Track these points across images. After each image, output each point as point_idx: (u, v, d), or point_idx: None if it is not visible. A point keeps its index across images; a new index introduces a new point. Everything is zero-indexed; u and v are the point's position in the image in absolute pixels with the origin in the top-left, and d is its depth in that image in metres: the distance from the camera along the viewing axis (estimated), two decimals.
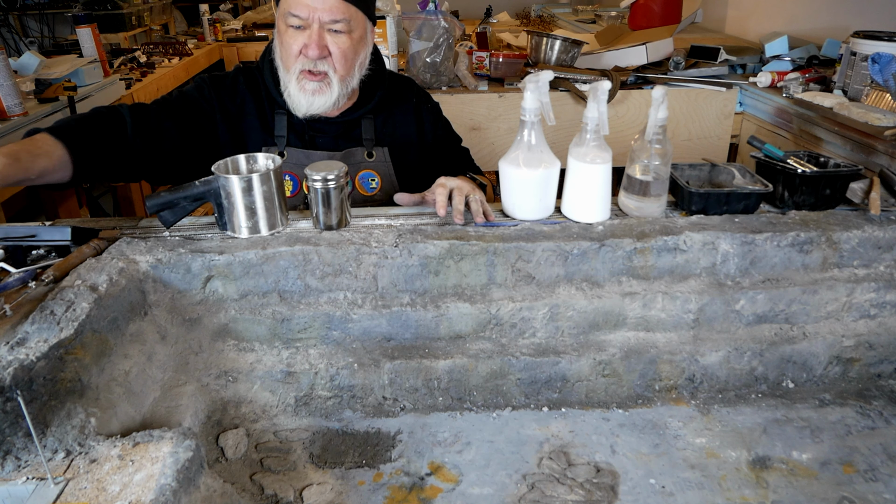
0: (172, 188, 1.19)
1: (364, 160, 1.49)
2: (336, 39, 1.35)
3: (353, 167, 1.48)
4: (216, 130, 1.45)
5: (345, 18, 1.33)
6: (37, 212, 2.99)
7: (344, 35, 1.35)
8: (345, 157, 1.48)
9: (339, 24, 1.33)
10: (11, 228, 1.21)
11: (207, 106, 1.45)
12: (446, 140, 1.66)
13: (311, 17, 1.32)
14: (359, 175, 1.49)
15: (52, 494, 0.79)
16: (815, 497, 1.01)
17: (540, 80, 1.19)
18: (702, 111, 2.47)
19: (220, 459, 1.07)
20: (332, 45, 1.35)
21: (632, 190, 1.29)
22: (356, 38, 1.37)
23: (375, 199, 1.51)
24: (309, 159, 1.44)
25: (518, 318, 1.21)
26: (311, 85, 1.37)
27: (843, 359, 1.24)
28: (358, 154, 1.49)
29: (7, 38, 5.08)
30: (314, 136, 1.49)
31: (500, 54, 2.60)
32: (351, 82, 1.41)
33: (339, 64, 1.37)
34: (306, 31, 1.34)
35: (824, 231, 1.23)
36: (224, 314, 1.19)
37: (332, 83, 1.38)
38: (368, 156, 1.50)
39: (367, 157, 1.50)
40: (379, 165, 1.51)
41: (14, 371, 0.84)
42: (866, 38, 2.05)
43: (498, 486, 1.04)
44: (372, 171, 1.50)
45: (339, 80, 1.38)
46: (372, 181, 1.50)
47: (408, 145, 1.56)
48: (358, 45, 1.39)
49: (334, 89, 1.38)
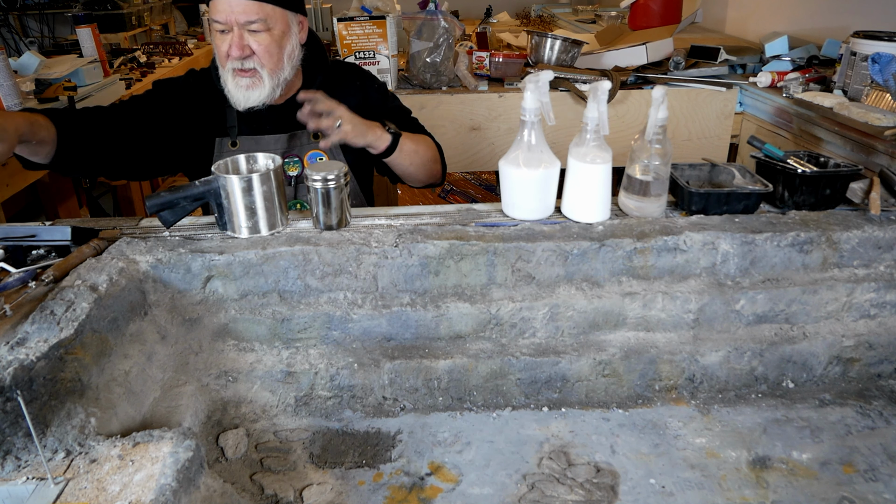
0: (172, 188, 1.19)
1: (310, 141, 1.61)
2: (257, 38, 1.43)
3: (301, 148, 1.60)
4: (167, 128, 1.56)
5: (260, 18, 1.41)
6: (37, 212, 2.99)
7: (263, 33, 1.43)
8: (291, 138, 1.59)
9: (256, 23, 1.42)
10: (11, 228, 1.21)
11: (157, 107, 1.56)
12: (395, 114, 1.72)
13: (229, 21, 1.41)
14: (307, 155, 1.60)
15: (52, 494, 0.79)
16: (815, 497, 1.01)
17: (540, 80, 1.19)
18: (702, 111, 2.47)
19: (220, 459, 1.07)
20: (254, 44, 1.44)
21: (632, 190, 1.29)
22: (277, 34, 1.45)
23: None
24: (258, 144, 1.57)
25: (518, 318, 1.21)
26: (244, 81, 1.47)
27: (843, 359, 1.24)
28: (304, 136, 1.60)
29: (7, 38, 5.08)
30: (262, 123, 1.59)
31: (500, 54, 2.60)
32: (282, 74, 1.50)
33: (265, 59, 1.45)
34: (229, 33, 1.43)
35: (824, 231, 1.23)
36: (224, 314, 1.19)
37: (262, 77, 1.47)
38: (314, 136, 1.60)
39: (314, 139, 1.60)
40: None
41: (14, 371, 0.84)
42: (866, 38, 2.05)
43: (498, 486, 1.04)
44: (318, 150, 1.60)
45: (269, 73, 1.47)
46: (319, 160, 1.60)
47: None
48: (281, 39, 1.47)
49: (266, 83, 1.47)
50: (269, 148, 1.57)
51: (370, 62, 2.40)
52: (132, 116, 1.52)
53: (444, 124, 2.43)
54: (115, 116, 1.50)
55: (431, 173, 1.65)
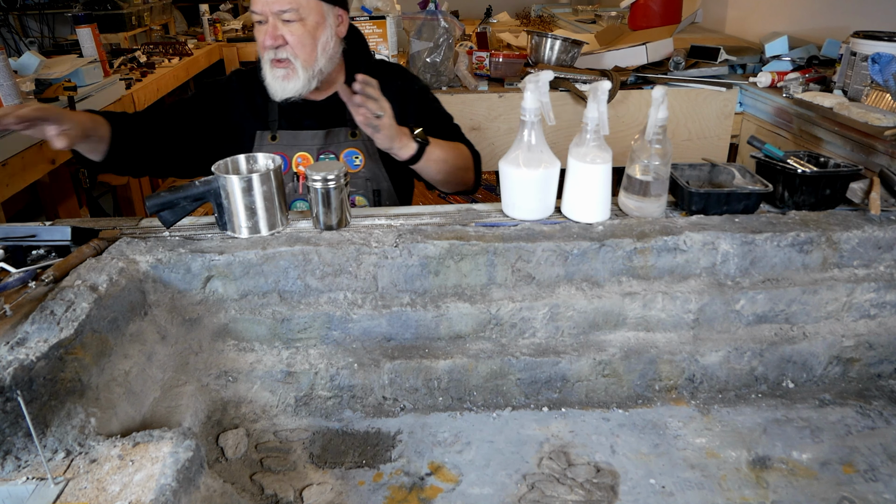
0: (172, 188, 1.19)
1: (348, 139, 1.61)
2: (290, 28, 1.46)
3: (338, 145, 1.61)
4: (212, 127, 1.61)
5: (292, 7, 1.44)
6: (37, 212, 2.99)
7: (296, 23, 1.46)
8: (328, 135, 1.60)
9: (288, 13, 1.44)
10: (11, 228, 1.21)
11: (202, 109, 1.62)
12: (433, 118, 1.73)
13: (264, 11, 1.45)
14: (343, 153, 1.61)
15: (52, 494, 0.79)
16: (815, 497, 1.01)
17: (540, 80, 1.19)
18: (702, 111, 2.47)
19: (220, 459, 1.07)
20: (288, 34, 1.46)
21: (632, 190, 1.29)
22: (311, 25, 1.47)
23: (360, 175, 1.62)
24: (296, 139, 1.60)
25: (518, 318, 1.21)
26: (280, 72, 1.50)
27: (843, 359, 1.24)
28: (342, 133, 1.61)
29: (7, 38, 5.08)
30: (301, 118, 1.61)
31: (500, 54, 2.60)
32: (316, 65, 1.51)
33: (298, 50, 1.47)
34: (266, 24, 1.46)
35: (824, 231, 1.23)
36: (224, 314, 1.19)
37: (296, 68, 1.49)
38: (352, 135, 1.61)
39: (351, 137, 1.61)
40: (362, 143, 1.61)
41: (14, 371, 0.84)
42: (866, 38, 2.05)
43: (498, 486, 1.04)
44: (356, 149, 1.61)
45: (303, 64, 1.49)
46: (356, 158, 1.61)
47: None
48: (315, 30, 1.48)
49: (300, 73, 1.49)
50: (306, 143, 1.59)
51: None
52: (178, 118, 1.58)
53: None
54: (162, 119, 1.57)
55: (460, 181, 1.63)
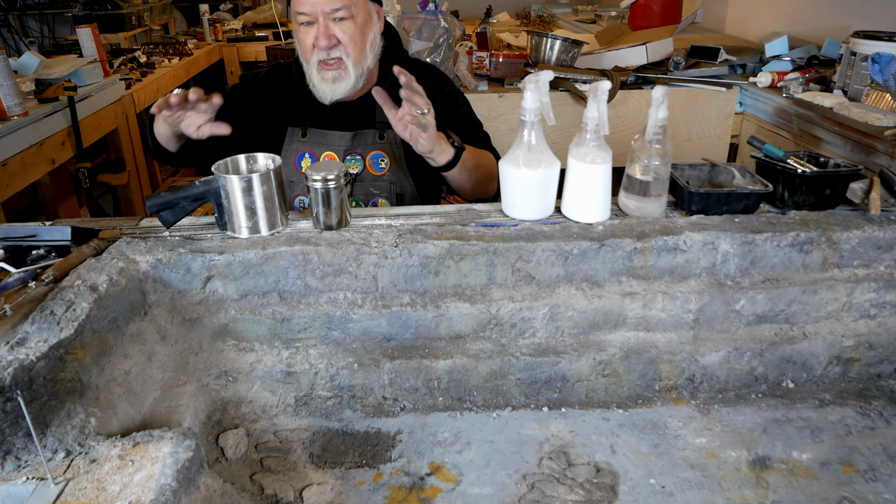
0: (172, 188, 1.19)
1: (375, 141, 1.59)
2: (342, 27, 1.44)
3: (364, 147, 1.59)
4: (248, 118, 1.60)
5: (345, 5, 1.42)
6: (37, 212, 2.99)
7: (348, 21, 1.44)
8: (355, 137, 1.58)
9: (341, 11, 1.42)
10: (11, 228, 1.21)
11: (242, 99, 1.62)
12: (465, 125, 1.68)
13: (314, 12, 1.42)
14: (369, 155, 1.59)
15: (52, 494, 0.79)
16: (815, 497, 1.01)
17: (540, 80, 1.19)
18: (702, 111, 2.47)
19: (220, 459, 1.07)
20: (340, 33, 1.44)
21: (632, 190, 1.29)
22: (361, 22, 1.46)
23: (384, 178, 1.60)
24: (325, 138, 1.59)
25: (518, 318, 1.21)
26: (330, 74, 1.48)
27: (843, 359, 1.24)
28: (369, 136, 1.59)
29: (7, 38, 5.08)
30: (332, 118, 1.60)
31: (500, 54, 2.60)
32: (365, 63, 1.50)
33: (350, 48, 1.46)
34: (314, 25, 1.44)
35: (824, 231, 1.23)
36: (224, 314, 1.19)
37: (348, 68, 1.48)
38: (380, 137, 1.59)
39: (379, 139, 1.59)
40: (389, 147, 1.60)
41: (14, 371, 0.84)
42: (866, 38, 2.05)
43: (498, 486, 1.04)
44: (382, 152, 1.59)
45: (354, 63, 1.48)
46: (381, 161, 1.59)
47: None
48: (364, 27, 1.48)
49: (351, 73, 1.48)
50: (334, 143, 1.58)
51: None
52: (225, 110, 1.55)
53: None
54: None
55: (485, 191, 1.60)
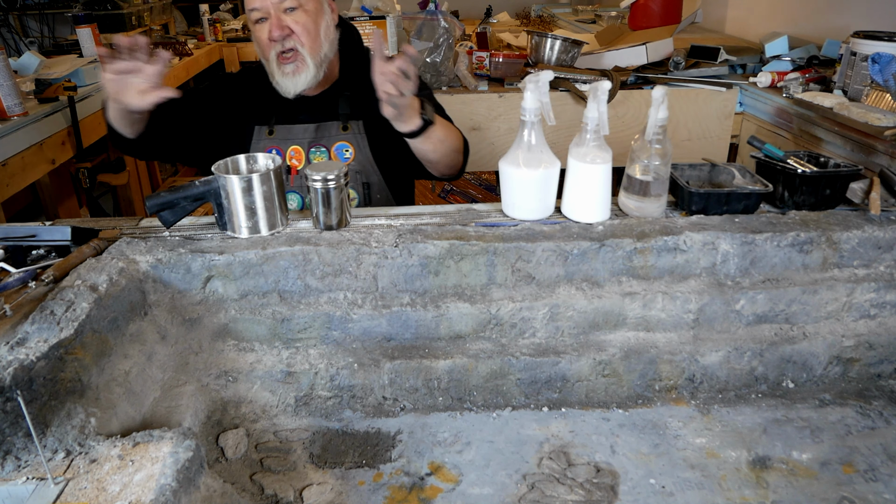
0: (172, 188, 1.19)
1: (339, 133, 1.64)
2: (293, 17, 1.49)
3: (329, 139, 1.63)
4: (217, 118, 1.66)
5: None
6: (37, 212, 2.99)
7: (299, 11, 1.49)
8: (319, 129, 1.63)
9: (289, 1, 1.48)
10: (11, 228, 1.21)
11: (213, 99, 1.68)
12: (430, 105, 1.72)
13: (265, 6, 1.48)
14: (334, 146, 1.63)
15: (52, 494, 0.79)
16: (815, 497, 1.01)
17: (540, 80, 1.19)
18: (702, 111, 2.47)
19: (220, 459, 1.07)
20: (292, 24, 1.49)
21: (632, 190, 1.29)
22: (312, 11, 1.51)
23: (350, 168, 1.63)
24: (290, 132, 1.63)
25: (518, 318, 1.21)
26: (289, 67, 1.52)
27: (843, 359, 1.24)
28: (333, 127, 1.64)
29: (7, 38, 5.08)
30: (295, 112, 1.64)
31: (500, 54, 2.60)
32: (321, 51, 1.54)
33: (304, 37, 1.50)
34: (268, 20, 1.49)
35: (824, 231, 1.23)
36: (224, 314, 1.19)
37: (305, 59, 1.51)
38: (343, 129, 1.63)
39: (342, 130, 1.64)
40: (352, 137, 1.63)
41: (14, 371, 0.84)
42: (866, 38, 2.05)
43: (498, 486, 1.04)
44: (346, 142, 1.64)
45: (310, 52, 1.51)
46: (346, 151, 1.63)
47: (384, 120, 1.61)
48: (316, 16, 1.52)
49: (309, 64, 1.52)
50: (299, 136, 1.62)
51: None
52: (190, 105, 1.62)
53: None
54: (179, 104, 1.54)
55: (452, 164, 1.61)
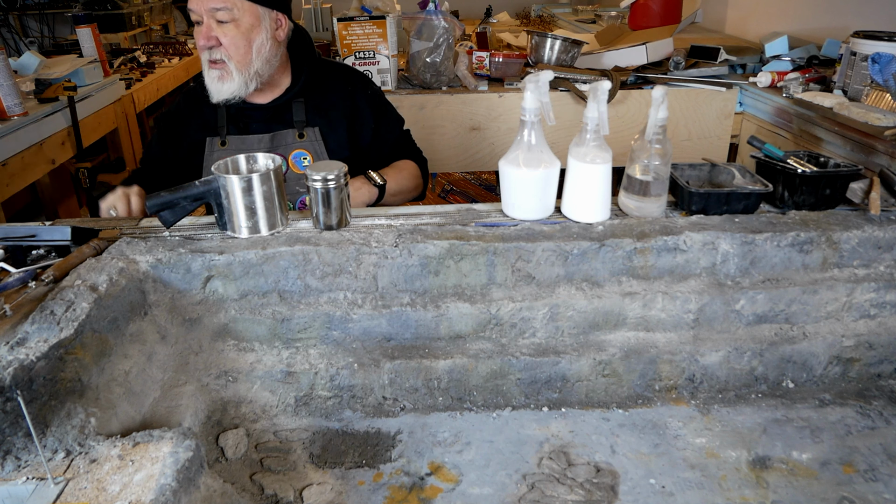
0: (172, 188, 1.19)
1: (295, 140, 1.62)
2: (224, 30, 1.47)
3: (285, 147, 1.61)
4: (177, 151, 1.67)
5: (226, 7, 1.45)
6: (37, 212, 2.99)
7: (230, 24, 1.47)
8: (274, 138, 1.61)
9: (222, 12, 1.45)
10: (11, 228, 1.21)
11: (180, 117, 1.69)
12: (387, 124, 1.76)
13: (199, 9, 1.46)
14: (291, 154, 1.62)
15: (52, 494, 0.79)
16: (815, 497, 1.01)
17: (540, 80, 1.19)
18: (702, 111, 2.47)
19: (220, 459, 1.07)
20: (221, 36, 1.48)
21: (632, 190, 1.29)
22: (245, 27, 1.48)
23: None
24: (244, 143, 1.61)
25: (518, 318, 1.21)
26: (215, 73, 1.51)
27: (843, 359, 1.24)
28: (289, 135, 1.62)
29: (7, 38, 5.08)
30: (248, 122, 1.63)
31: (500, 54, 2.60)
32: (251, 67, 1.52)
33: (231, 51, 1.48)
34: (202, 24, 1.48)
35: (824, 231, 1.23)
36: (224, 314, 1.19)
37: (231, 71, 1.50)
38: (299, 136, 1.62)
39: (298, 138, 1.62)
40: (310, 144, 1.63)
41: (14, 371, 0.84)
42: (866, 38, 2.05)
43: (498, 486, 1.04)
44: (303, 150, 1.62)
45: (237, 66, 1.50)
46: (304, 159, 1.62)
47: (340, 127, 1.68)
48: (249, 32, 1.49)
49: (234, 76, 1.50)
50: (252, 147, 1.60)
51: (370, 62, 2.40)
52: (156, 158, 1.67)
53: (444, 124, 2.43)
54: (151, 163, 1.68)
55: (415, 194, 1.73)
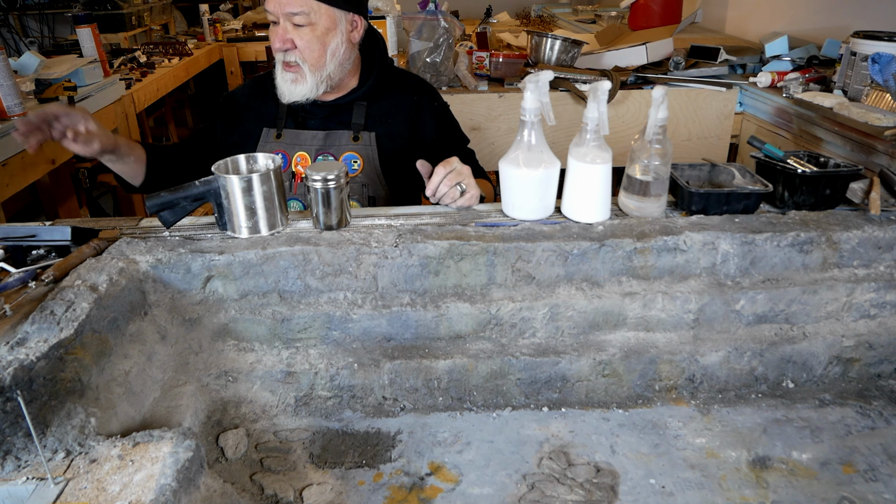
0: (172, 188, 1.19)
1: (349, 143, 1.60)
2: (299, 33, 1.46)
3: (338, 148, 1.59)
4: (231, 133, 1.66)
5: (303, 11, 1.43)
6: (37, 212, 2.99)
7: (306, 28, 1.46)
8: (328, 137, 1.59)
9: (298, 16, 1.44)
10: (11, 228, 1.21)
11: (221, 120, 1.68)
12: (450, 140, 1.73)
13: (276, 12, 1.45)
14: (342, 156, 1.60)
15: (52, 494, 0.79)
16: (815, 497, 1.01)
17: (540, 80, 1.19)
18: (702, 111, 2.47)
19: (220, 459, 1.07)
20: (297, 39, 1.46)
21: (632, 190, 1.29)
22: (321, 30, 1.47)
23: (356, 180, 1.61)
24: (298, 138, 1.60)
25: (518, 318, 1.21)
26: (289, 75, 1.50)
27: (843, 359, 1.24)
28: (343, 136, 1.60)
29: (7, 38, 5.08)
30: (306, 118, 1.62)
31: (500, 54, 2.60)
32: (325, 70, 1.51)
33: (306, 55, 1.47)
34: (278, 25, 1.47)
35: (824, 231, 1.23)
36: (224, 314, 1.19)
37: (305, 73, 1.49)
38: (354, 139, 1.60)
39: (353, 140, 1.60)
40: (363, 149, 1.60)
41: (14, 371, 0.84)
42: (866, 38, 2.05)
43: (498, 486, 1.04)
44: (355, 153, 1.60)
45: (311, 69, 1.49)
46: (354, 163, 1.60)
47: (398, 136, 1.65)
48: (325, 36, 1.48)
49: (308, 79, 1.49)
50: (306, 143, 1.59)
51: None
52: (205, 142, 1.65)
53: None
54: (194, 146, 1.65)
55: None
